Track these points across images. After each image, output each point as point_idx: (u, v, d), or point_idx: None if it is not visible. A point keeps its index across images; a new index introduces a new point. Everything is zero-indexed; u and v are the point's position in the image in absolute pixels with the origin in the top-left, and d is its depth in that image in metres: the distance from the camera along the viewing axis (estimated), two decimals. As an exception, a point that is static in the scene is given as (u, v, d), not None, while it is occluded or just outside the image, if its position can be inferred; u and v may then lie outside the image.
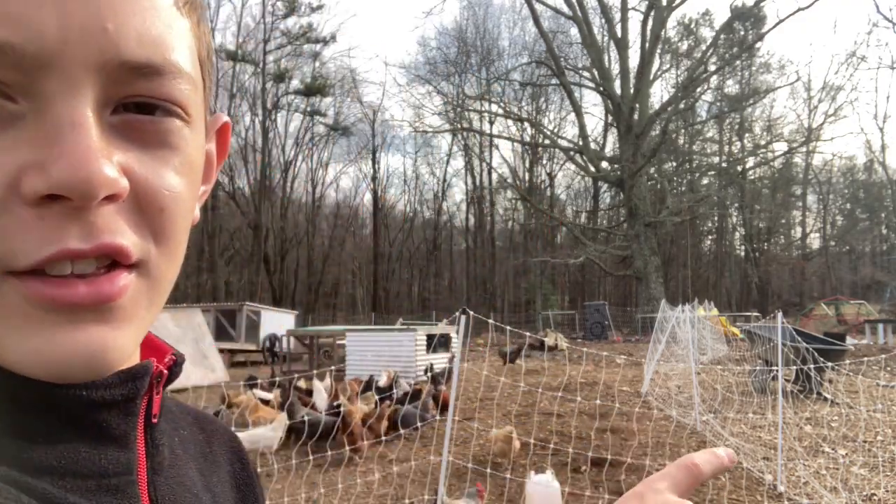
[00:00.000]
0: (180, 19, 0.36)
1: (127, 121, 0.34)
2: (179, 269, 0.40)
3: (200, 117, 0.39)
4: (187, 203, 0.37)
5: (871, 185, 42.53)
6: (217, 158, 0.46)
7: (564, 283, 42.93)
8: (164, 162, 0.35)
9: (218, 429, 0.55)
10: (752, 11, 30.15)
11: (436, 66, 38.64)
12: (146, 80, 0.33)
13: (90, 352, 0.33)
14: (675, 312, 10.30)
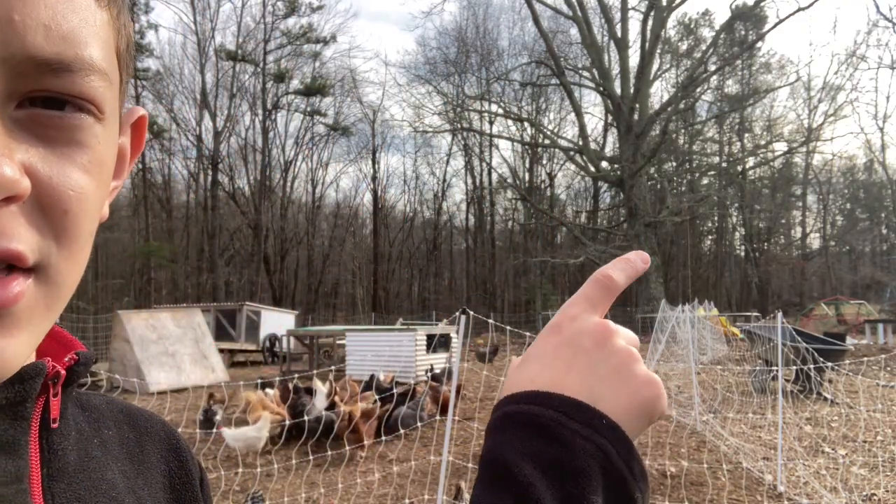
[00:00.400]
0: (98, 12, 0.34)
1: (33, 116, 0.32)
2: (83, 272, 0.37)
3: (115, 113, 0.37)
4: (94, 203, 0.35)
5: (871, 185, 42.52)
6: (132, 153, 0.44)
7: (564, 283, 42.92)
8: (70, 160, 0.33)
9: (152, 426, 0.52)
10: (752, 11, 30.15)
11: (436, 66, 38.65)
12: (55, 77, 0.32)
13: None
14: (675, 312, 10.30)
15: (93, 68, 0.33)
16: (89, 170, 0.34)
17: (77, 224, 0.34)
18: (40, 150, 0.32)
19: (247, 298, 31.03)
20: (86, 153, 0.34)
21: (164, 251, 34.28)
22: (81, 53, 0.33)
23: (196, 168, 38.29)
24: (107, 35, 0.35)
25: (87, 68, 0.33)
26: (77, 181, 0.33)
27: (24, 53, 0.30)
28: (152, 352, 11.41)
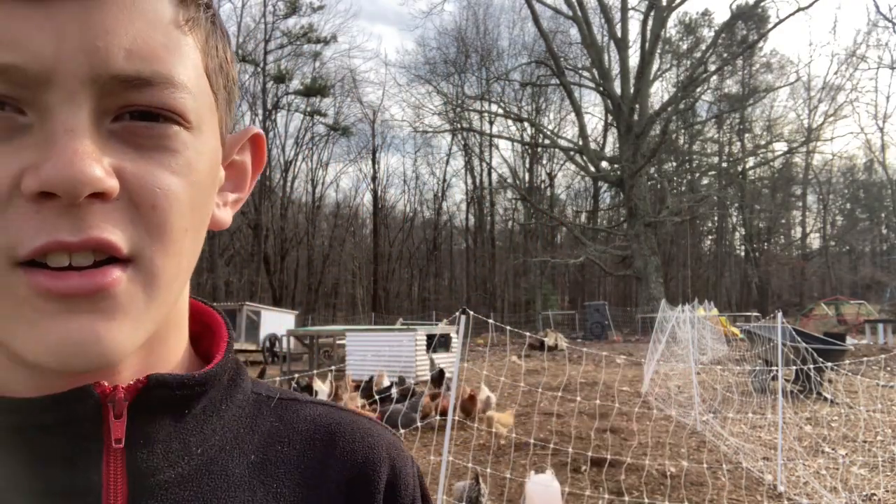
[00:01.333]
0: (181, 37, 0.38)
1: (127, 127, 0.36)
2: (184, 267, 0.41)
3: (207, 124, 0.41)
4: (184, 201, 0.38)
5: (871, 185, 42.53)
6: (253, 168, 0.49)
7: (564, 283, 42.93)
8: (158, 163, 0.37)
9: (346, 450, 0.49)
10: (752, 11, 30.16)
11: (436, 66, 38.68)
12: (137, 91, 0.36)
13: (82, 340, 0.35)
14: (675, 312, 10.30)
15: (171, 82, 0.37)
16: (176, 171, 0.38)
17: (166, 218, 0.37)
18: (131, 155, 0.36)
19: (247, 298, 31.02)
20: (173, 157, 0.38)
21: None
22: (160, 69, 0.36)
23: (196, 168, 38.37)
24: (190, 55, 0.39)
25: (166, 82, 0.37)
26: (164, 180, 0.37)
27: (108, 73, 0.35)
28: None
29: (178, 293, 0.42)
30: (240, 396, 0.48)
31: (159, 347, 0.43)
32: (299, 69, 39.14)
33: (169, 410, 0.42)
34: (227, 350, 0.47)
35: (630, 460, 5.06)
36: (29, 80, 0.34)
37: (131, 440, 0.40)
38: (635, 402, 7.85)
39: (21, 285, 0.34)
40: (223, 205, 0.47)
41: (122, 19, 0.35)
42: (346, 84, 40.45)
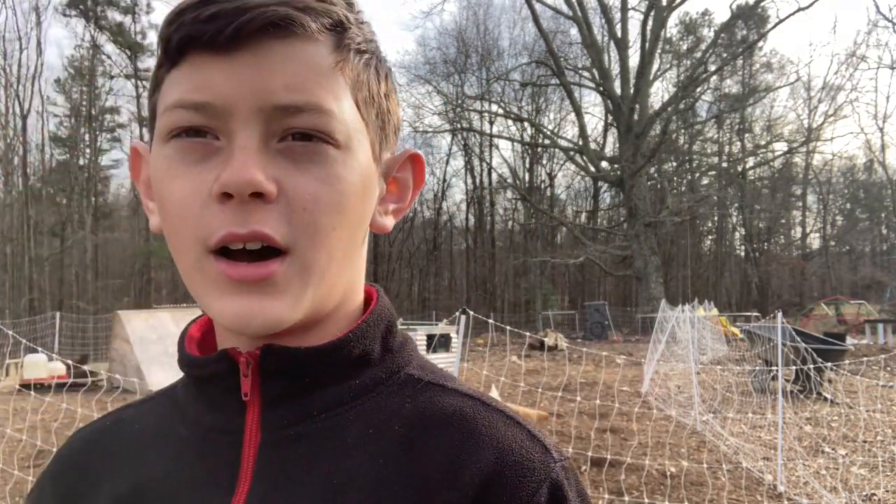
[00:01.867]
0: (329, 72, 0.48)
1: (288, 146, 0.46)
2: (337, 259, 0.49)
3: (356, 144, 0.49)
4: (331, 205, 0.47)
5: (871, 185, 42.50)
6: (414, 183, 0.58)
7: (564, 283, 42.91)
8: (309, 173, 0.47)
9: (487, 454, 0.49)
10: (752, 11, 30.16)
11: (436, 65, 38.64)
12: (293, 117, 0.46)
13: (250, 313, 0.46)
14: (675, 312, 10.30)
15: (320, 109, 0.46)
16: (325, 180, 0.47)
17: (314, 219, 0.47)
18: (290, 168, 0.46)
19: (247, 298, 30.99)
20: (322, 168, 0.47)
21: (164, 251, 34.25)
22: (311, 100, 0.46)
23: (196, 168, 38.31)
24: (339, 89, 0.48)
25: (315, 109, 0.46)
26: (313, 187, 0.46)
27: (270, 104, 0.45)
28: (152, 352, 11.40)
29: (336, 283, 0.51)
30: (381, 373, 0.54)
31: (321, 328, 0.52)
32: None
33: (288, 376, 0.51)
34: (355, 330, 0.53)
35: (630, 460, 5.06)
36: (218, 113, 0.45)
37: (263, 398, 0.51)
38: (635, 402, 7.85)
39: (211, 268, 0.46)
40: (385, 213, 0.56)
41: (282, 64, 0.46)
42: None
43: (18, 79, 30.41)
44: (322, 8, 0.48)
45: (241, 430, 0.51)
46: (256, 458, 0.50)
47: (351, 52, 0.49)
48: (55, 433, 6.65)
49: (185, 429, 0.54)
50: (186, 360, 0.54)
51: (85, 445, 0.60)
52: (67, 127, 35.19)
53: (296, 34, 0.46)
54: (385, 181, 0.56)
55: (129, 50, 35.09)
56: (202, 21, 0.44)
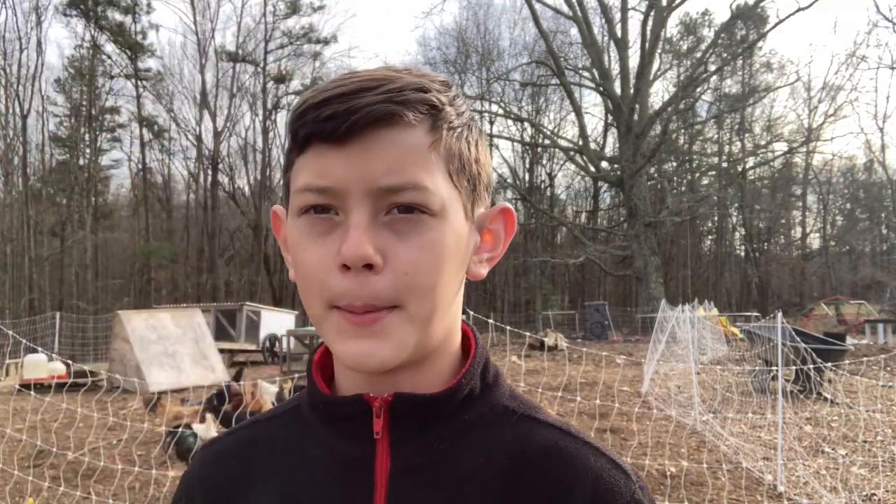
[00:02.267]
0: (424, 152, 0.56)
1: (393, 219, 0.55)
2: (440, 310, 0.58)
3: (450, 211, 0.58)
4: (429, 268, 0.56)
5: (871, 185, 42.48)
6: (505, 233, 0.67)
7: (564, 283, 42.91)
8: (410, 242, 0.55)
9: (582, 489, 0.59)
10: (752, 11, 30.14)
11: (436, 66, 38.55)
12: (395, 194, 0.55)
13: (365, 353, 0.56)
14: (675, 312, 10.30)
15: (417, 186, 0.55)
16: (423, 247, 0.56)
17: (416, 280, 0.55)
18: (393, 239, 0.55)
19: (247, 298, 30.99)
20: (421, 236, 0.56)
21: (164, 251, 34.29)
22: (409, 178, 0.55)
23: (196, 168, 38.31)
24: (434, 165, 0.57)
25: (413, 187, 0.55)
26: (412, 256, 0.55)
27: (377, 186, 0.54)
28: (152, 352, 11.40)
29: (440, 327, 0.60)
30: (483, 407, 0.63)
31: (430, 365, 0.62)
32: (299, 69, 39.15)
33: (413, 417, 0.60)
34: (464, 375, 0.62)
35: (630, 460, 5.05)
36: (336, 195, 0.55)
37: (393, 433, 0.60)
38: (635, 402, 7.85)
39: (333, 319, 0.57)
40: (480, 262, 0.66)
41: (385, 150, 0.55)
42: (346, 84, 40.35)
43: (18, 79, 30.45)
44: (418, 98, 0.56)
45: (373, 460, 0.60)
46: (388, 484, 0.60)
47: (443, 131, 0.58)
48: (55, 433, 6.65)
49: (318, 452, 0.63)
50: (321, 399, 0.63)
51: (228, 456, 0.68)
52: (67, 127, 35.22)
53: (396, 124, 0.55)
54: (480, 233, 0.64)
55: (130, 50, 35.10)
56: (321, 120, 0.54)
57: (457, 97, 0.60)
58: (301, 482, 0.62)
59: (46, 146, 34.56)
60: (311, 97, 0.56)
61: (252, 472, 0.65)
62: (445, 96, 0.59)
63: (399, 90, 0.55)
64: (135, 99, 36.33)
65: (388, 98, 0.54)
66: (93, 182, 35.03)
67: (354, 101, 0.54)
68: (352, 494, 0.60)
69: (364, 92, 0.55)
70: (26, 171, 30.50)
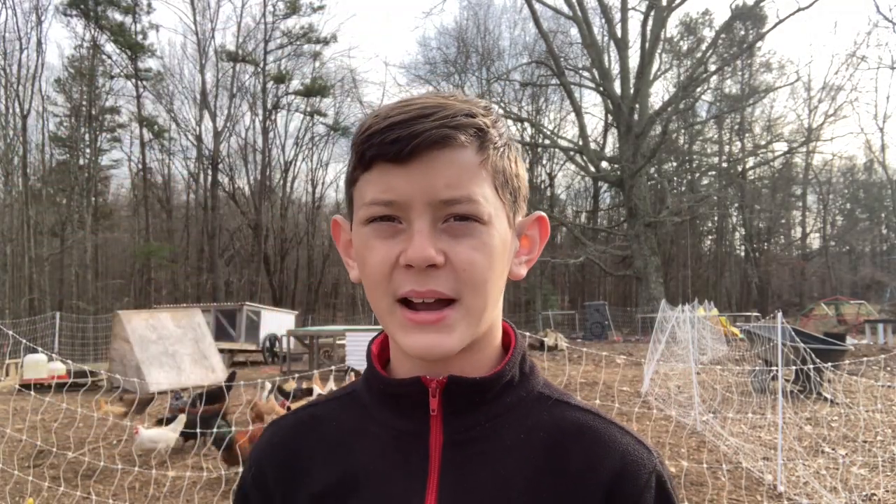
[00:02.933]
0: (475, 169, 0.65)
1: (450, 226, 0.64)
2: (490, 303, 0.67)
3: (497, 219, 0.67)
4: (482, 266, 0.65)
5: (871, 185, 42.46)
6: (540, 238, 0.76)
7: (564, 283, 42.92)
8: (465, 244, 0.64)
9: (610, 461, 0.68)
10: (752, 11, 30.13)
11: (436, 66, 38.54)
12: (453, 206, 0.64)
13: (430, 345, 0.65)
14: (675, 312, 10.29)
15: (472, 199, 0.64)
16: (477, 248, 0.65)
17: (471, 277, 0.64)
18: (451, 242, 0.64)
19: (247, 298, 30.98)
20: (474, 240, 0.65)
21: (164, 251, 34.27)
22: (465, 193, 0.64)
23: (196, 168, 38.26)
24: (483, 180, 0.66)
25: (468, 199, 0.64)
26: (468, 255, 0.64)
27: (437, 199, 0.63)
28: (152, 352, 11.40)
29: (488, 320, 0.68)
30: (522, 392, 0.72)
31: (476, 353, 0.70)
32: (299, 69, 39.12)
33: (464, 397, 0.69)
34: (507, 363, 0.71)
35: (630, 460, 5.04)
36: (401, 207, 0.64)
37: (445, 411, 0.69)
38: (635, 402, 7.85)
39: (398, 313, 0.66)
40: (519, 264, 0.74)
41: (444, 168, 0.64)
42: (346, 84, 40.44)
43: (18, 79, 30.41)
44: (468, 122, 0.65)
45: (427, 434, 0.69)
46: (441, 455, 0.68)
47: (490, 150, 0.67)
48: (55, 433, 6.65)
49: (376, 428, 0.72)
50: (381, 381, 0.72)
51: (290, 432, 0.77)
52: (67, 127, 35.18)
53: (451, 145, 0.64)
54: (518, 238, 0.73)
55: (130, 50, 35.08)
56: (388, 143, 0.63)
57: (498, 120, 0.69)
58: (360, 455, 0.71)
59: (46, 146, 34.55)
60: (374, 123, 0.65)
61: (314, 445, 0.74)
62: (489, 119, 0.68)
63: (452, 116, 0.64)
64: (135, 99, 36.33)
65: (443, 124, 0.64)
66: (93, 182, 35.01)
67: (414, 126, 0.63)
68: (409, 463, 0.69)
69: (422, 118, 0.63)
70: (26, 171, 30.48)
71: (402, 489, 0.68)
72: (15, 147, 30.15)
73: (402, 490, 0.68)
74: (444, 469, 0.68)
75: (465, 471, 0.68)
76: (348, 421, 0.75)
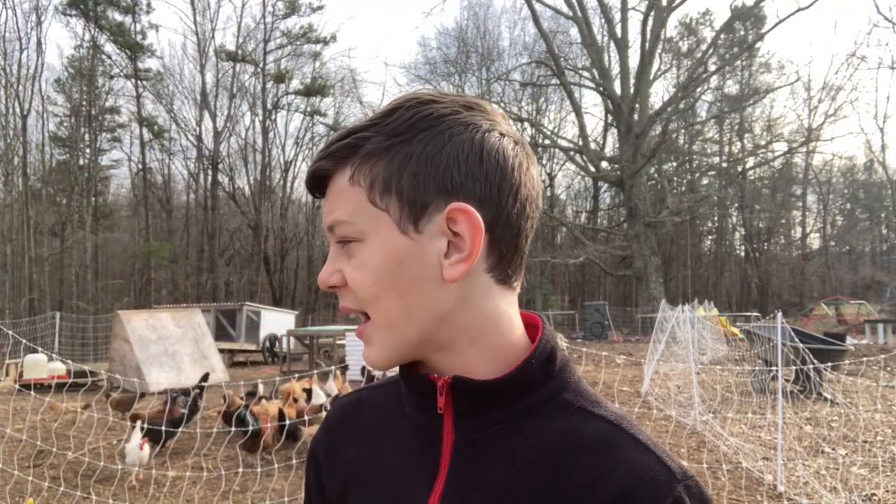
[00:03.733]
0: (344, 189, 0.66)
1: (344, 248, 0.67)
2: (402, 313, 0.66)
3: (374, 230, 0.65)
4: (365, 281, 0.66)
5: (871, 185, 42.48)
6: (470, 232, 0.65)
7: (564, 283, 42.91)
8: (350, 265, 0.67)
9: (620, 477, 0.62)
10: (752, 11, 30.12)
11: (436, 66, 38.59)
12: (333, 231, 0.67)
13: (365, 357, 0.71)
14: (675, 312, 10.30)
15: (338, 223, 0.66)
16: (356, 267, 0.66)
17: (361, 294, 0.67)
18: (345, 262, 0.67)
19: (247, 298, 30.98)
20: (354, 259, 0.67)
21: (164, 251, 34.26)
22: (333, 217, 0.66)
23: (196, 168, 38.26)
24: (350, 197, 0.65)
25: (337, 223, 0.66)
26: (351, 275, 0.67)
27: (325, 225, 0.68)
28: (152, 352, 11.40)
29: (418, 329, 0.67)
30: (542, 397, 0.68)
31: (462, 356, 0.69)
32: (299, 69, 39.12)
33: (469, 397, 0.68)
34: (522, 365, 0.67)
35: (630, 460, 5.04)
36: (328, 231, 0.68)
37: (455, 410, 0.69)
38: (635, 402, 7.85)
39: None
40: (452, 265, 0.66)
41: (328, 197, 0.68)
42: (346, 84, 40.44)
43: (18, 79, 30.40)
44: (339, 146, 0.66)
45: (440, 431, 0.69)
46: (452, 451, 0.68)
47: (359, 166, 0.65)
48: (55, 433, 6.65)
49: (403, 420, 0.73)
50: (404, 375, 0.73)
51: (342, 412, 0.82)
52: (67, 127, 35.17)
53: (330, 174, 0.67)
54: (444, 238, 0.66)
55: (129, 50, 35.07)
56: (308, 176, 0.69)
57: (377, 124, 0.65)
58: (385, 446, 0.74)
59: (46, 146, 34.52)
60: None
61: (353, 427, 0.78)
62: (375, 129, 0.65)
63: (328, 146, 0.67)
64: (135, 99, 36.33)
65: (321, 157, 0.67)
66: (93, 182, 35.00)
67: (314, 164, 0.68)
68: (424, 456, 0.70)
69: (319, 157, 0.67)
70: (26, 171, 30.47)
71: (413, 483, 0.69)
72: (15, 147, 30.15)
73: (413, 484, 0.69)
74: (452, 467, 0.68)
75: (472, 471, 0.67)
76: (385, 408, 0.78)
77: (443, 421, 0.69)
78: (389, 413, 0.76)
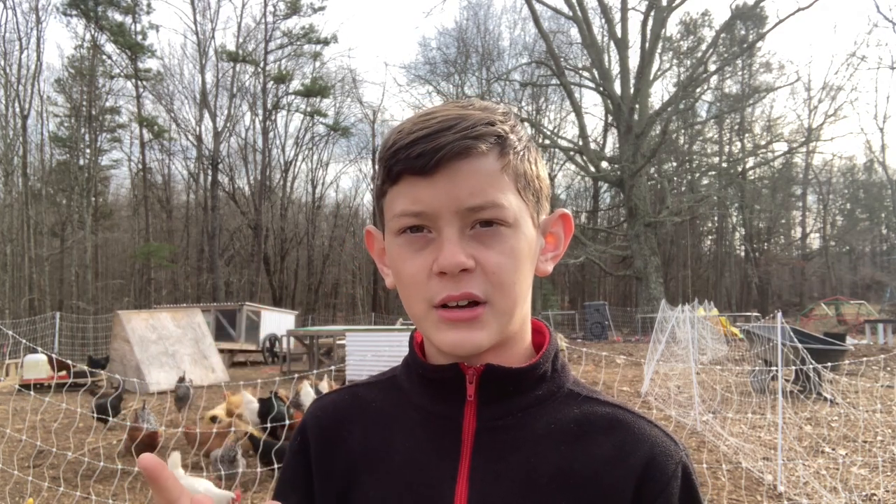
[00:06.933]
0: (497, 176, 0.68)
1: (477, 232, 0.68)
2: (518, 302, 0.71)
3: (521, 221, 0.70)
4: (509, 268, 0.68)
5: (871, 185, 42.48)
6: (564, 235, 0.80)
7: (564, 283, 42.91)
8: (493, 249, 0.68)
9: (639, 450, 0.71)
10: (752, 11, 30.12)
11: (436, 66, 38.55)
12: (478, 212, 0.67)
13: (459, 339, 0.68)
14: (675, 312, 10.30)
15: (496, 204, 0.67)
16: (503, 252, 0.68)
17: (500, 279, 0.68)
18: (479, 247, 0.68)
19: (247, 298, 30.97)
20: (501, 244, 0.68)
21: (164, 251, 34.23)
22: (488, 199, 0.67)
23: (196, 168, 38.24)
24: (506, 185, 0.69)
25: (491, 206, 0.67)
26: (496, 259, 0.68)
27: (463, 207, 0.67)
28: (152, 352, 11.40)
29: (518, 317, 0.72)
30: (553, 387, 0.75)
31: (507, 349, 0.74)
32: (299, 69, 39.10)
33: (499, 385, 0.73)
34: (542, 357, 0.75)
35: (630, 460, 5.04)
36: (429, 216, 0.68)
37: (480, 398, 0.73)
38: (635, 402, 7.85)
39: (435, 316, 0.69)
40: (546, 261, 0.78)
41: (468, 178, 0.67)
42: (346, 84, 40.42)
43: (18, 79, 30.38)
44: (487, 131, 0.68)
45: (461, 419, 0.73)
46: (474, 440, 0.72)
47: (510, 156, 0.70)
48: (55, 433, 6.64)
49: (413, 412, 0.76)
50: (421, 367, 0.76)
51: (335, 406, 0.82)
52: (67, 127, 35.15)
53: (472, 155, 0.68)
54: (544, 236, 0.77)
55: (130, 50, 35.05)
56: (413, 158, 0.67)
57: (516, 125, 0.72)
58: (395, 433, 0.76)
59: (46, 146, 34.52)
60: (399, 139, 0.69)
61: (352, 421, 0.79)
62: (508, 125, 0.71)
63: (472, 126, 0.67)
64: (135, 99, 36.33)
65: (464, 135, 0.67)
66: (93, 182, 34.97)
67: (437, 140, 0.66)
68: (443, 445, 0.73)
69: (444, 131, 0.67)
70: (26, 171, 30.44)
71: (435, 469, 0.72)
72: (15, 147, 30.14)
73: (435, 469, 0.72)
74: (475, 454, 0.71)
75: (496, 456, 0.71)
76: (386, 403, 0.79)
77: (463, 409, 0.73)
78: (393, 406, 0.79)
